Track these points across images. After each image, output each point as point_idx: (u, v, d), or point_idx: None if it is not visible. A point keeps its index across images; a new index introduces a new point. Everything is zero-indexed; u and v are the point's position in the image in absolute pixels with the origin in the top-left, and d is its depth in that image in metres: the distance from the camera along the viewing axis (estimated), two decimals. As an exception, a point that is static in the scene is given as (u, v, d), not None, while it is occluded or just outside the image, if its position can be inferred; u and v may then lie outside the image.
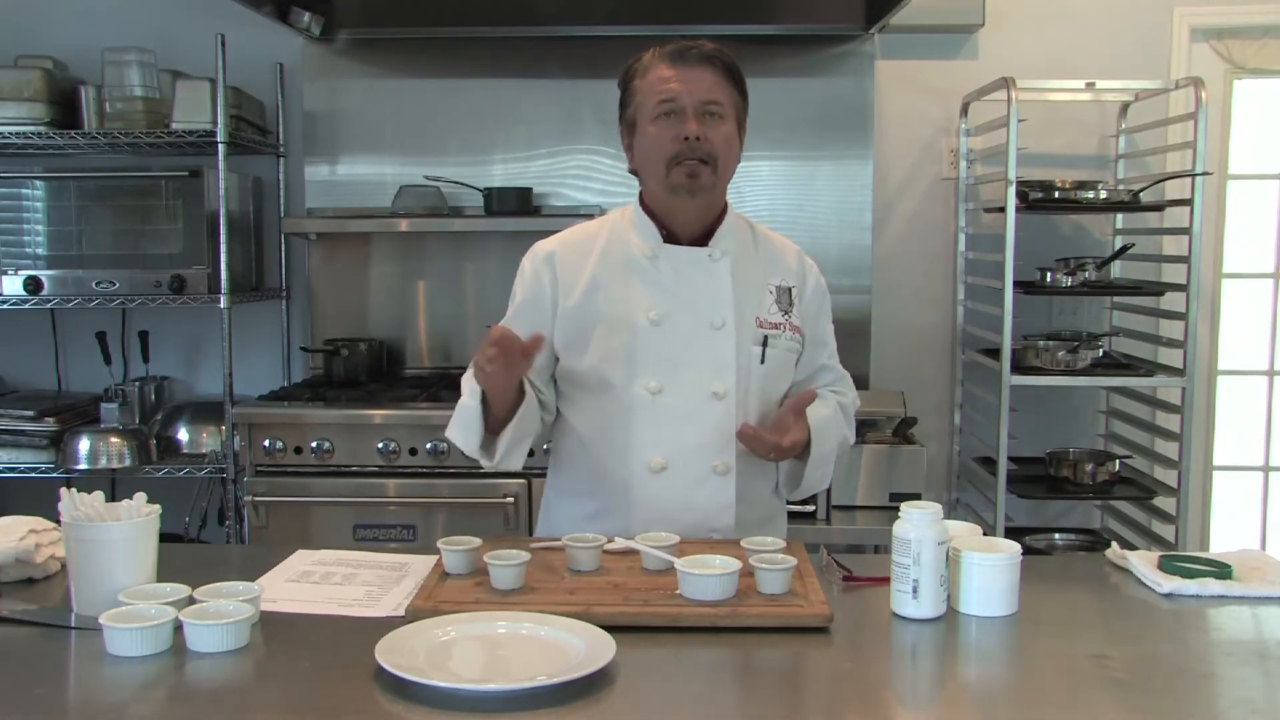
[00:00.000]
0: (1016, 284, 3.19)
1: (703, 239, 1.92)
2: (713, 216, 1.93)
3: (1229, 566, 1.68)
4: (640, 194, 1.97)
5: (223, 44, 3.19)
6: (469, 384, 1.86)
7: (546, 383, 1.97)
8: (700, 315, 1.89)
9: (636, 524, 1.85)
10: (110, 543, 1.51)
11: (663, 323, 1.89)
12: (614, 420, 1.90)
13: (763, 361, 1.90)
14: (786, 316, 1.94)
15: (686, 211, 1.91)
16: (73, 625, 1.48)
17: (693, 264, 1.91)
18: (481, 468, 1.84)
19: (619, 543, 1.71)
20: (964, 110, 3.57)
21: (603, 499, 1.92)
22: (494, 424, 1.84)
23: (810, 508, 3.03)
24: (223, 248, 3.24)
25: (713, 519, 1.88)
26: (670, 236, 1.93)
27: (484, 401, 1.82)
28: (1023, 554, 1.58)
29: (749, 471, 1.91)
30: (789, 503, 2.08)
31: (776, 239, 2.03)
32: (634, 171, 1.97)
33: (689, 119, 1.84)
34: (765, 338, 1.91)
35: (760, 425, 1.89)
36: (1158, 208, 3.34)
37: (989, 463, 3.38)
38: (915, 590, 1.52)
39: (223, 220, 3.23)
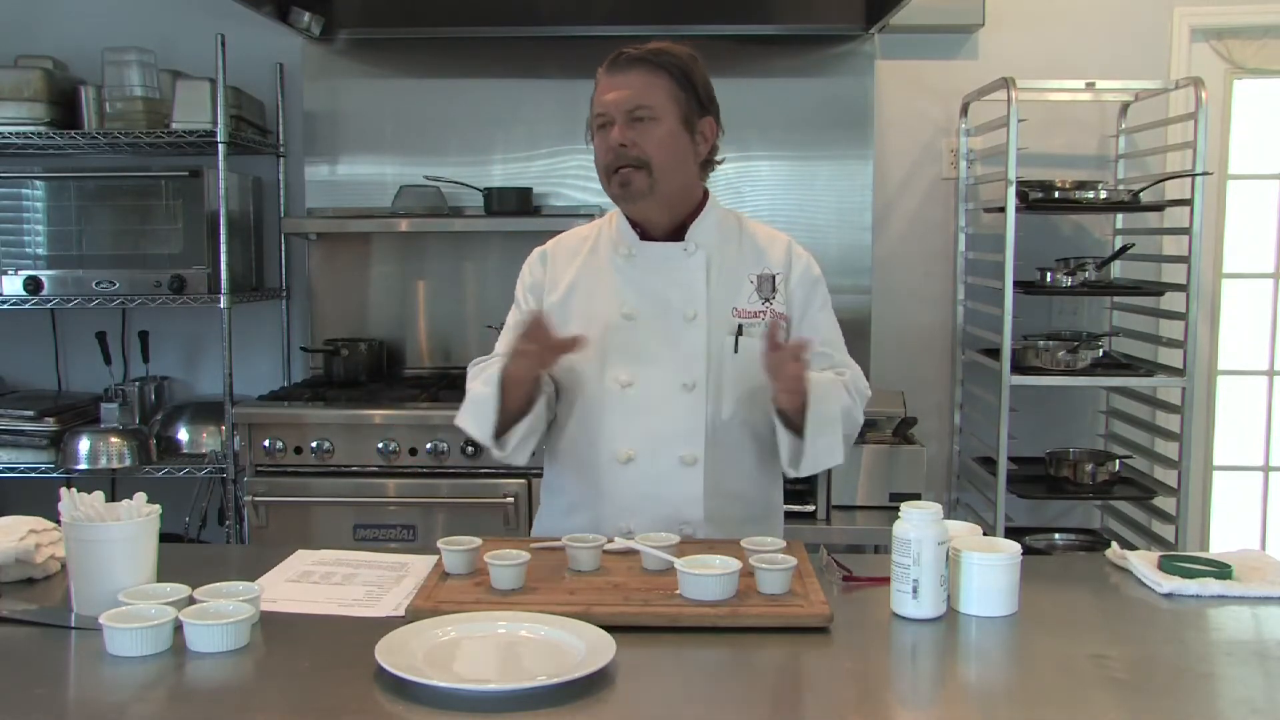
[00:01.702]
0: (1016, 284, 3.18)
1: (681, 234, 1.94)
2: (685, 212, 1.94)
3: (1229, 566, 1.68)
4: None
5: (223, 44, 3.18)
6: (480, 374, 1.91)
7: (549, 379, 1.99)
8: (672, 308, 1.91)
9: (606, 517, 1.87)
10: (110, 543, 1.51)
11: (635, 317, 1.91)
12: (587, 414, 1.92)
13: (736, 350, 1.90)
14: (768, 304, 1.94)
15: (643, 212, 1.93)
16: (73, 625, 1.48)
17: (667, 259, 1.93)
18: (481, 467, 1.85)
19: (619, 543, 1.72)
20: (964, 110, 3.57)
21: (576, 493, 1.95)
22: (506, 416, 1.86)
23: (810, 507, 3.03)
24: (223, 248, 3.24)
25: (681, 511, 1.88)
26: (648, 234, 1.95)
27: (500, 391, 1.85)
28: (1023, 554, 1.58)
29: (726, 464, 1.91)
30: (788, 502, 2.08)
31: (766, 232, 2.02)
32: None
33: (616, 127, 1.85)
34: (740, 326, 1.91)
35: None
36: (1158, 208, 3.34)
37: (989, 463, 3.38)
38: (915, 590, 1.52)
39: (223, 220, 3.23)
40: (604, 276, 1.95)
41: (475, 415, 1.88)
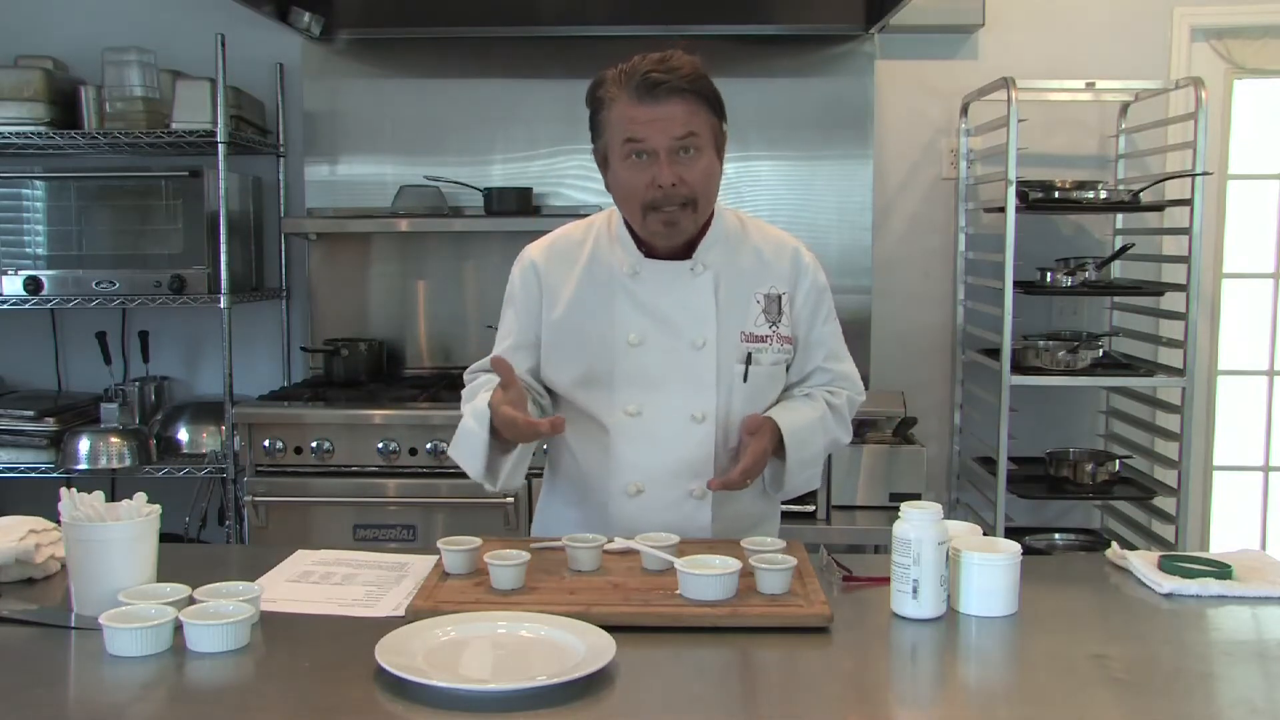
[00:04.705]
0: (1016, 284, 3.18)
1: (686, 251, 1.87)
2: (695, 229, 1.86)
3: (1229, 566, 1.68)
4: None
5: (223, 44, 3.19)
6: (471, 403, 1.86)
7: (544, 390, 1.96)
8: (681, 334, 1.85)
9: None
10: (110, 543, 1.51)
11: (642, 343, 1.85)
12: (595, 439, 1.89)
13: (745, 380, 1.86)
14: (774, 327, 1.89)
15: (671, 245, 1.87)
16: (73, 625, 1.48)
17: (675, 279, 1.86)
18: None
19: (619, 543, 1.72)
20: (964, 110, 3.57)
21: (584, 510, 1.92)
22: (498, 447, 1.82)
23: (810, 507, 3.03)
24: (223, 248, 3.24)
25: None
26: (652, 251, 1.88)
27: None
28: (1023, 554, 1.58)
29: (731, 493, 1.87)
30: (788, 502, 2.07)
31: (771, 239, 1.95)
32: None
33: (662, 164, 1.75)
34: (749, 354, 1.87)
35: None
36: (1158, 208, 3.34)
37: (989, 463, 3.38)
38: (915, 590, 1.52)
39: (223, 220, 3.23)
40: (607, 295, 1.87)
41: (467, 452, 1.83)
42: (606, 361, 1.86)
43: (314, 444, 3.07)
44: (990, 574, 1.55)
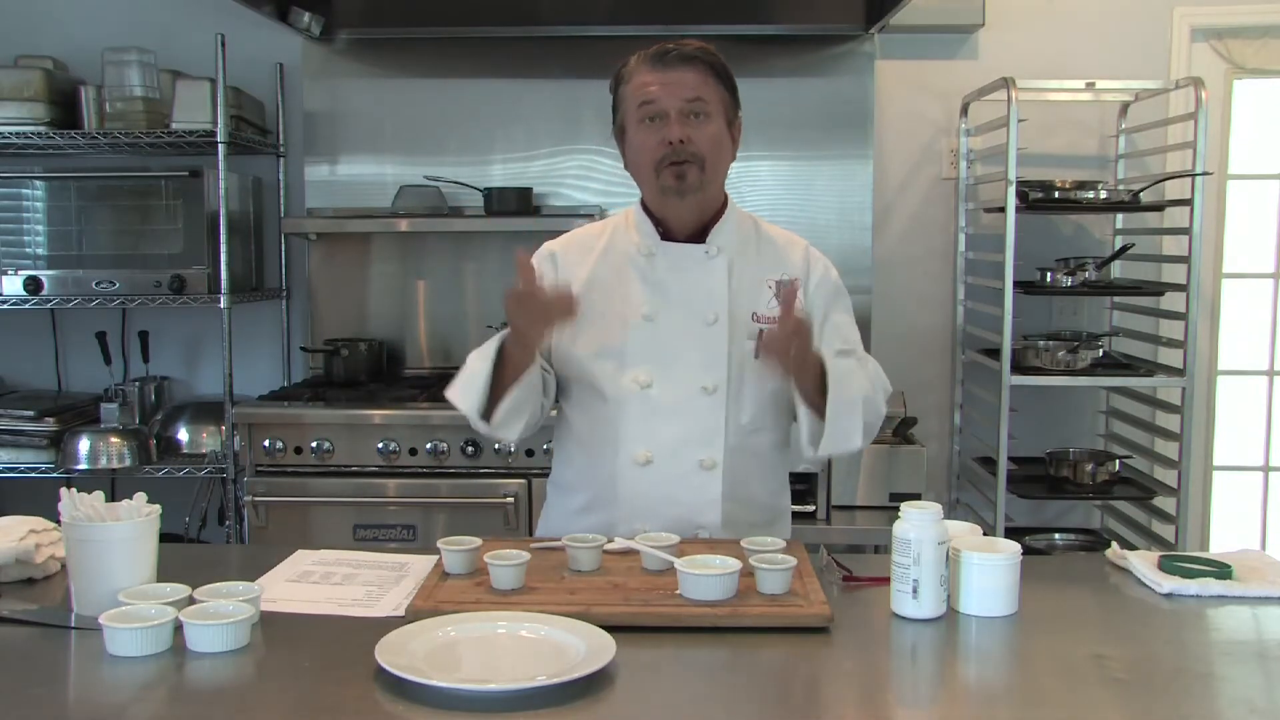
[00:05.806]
0: (1016, 284, 3.19)
1: (701, 235, 1.93)
2: (710, 214, 1.94)
3: (1229, 566, 1.68)
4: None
5: (223, 44, 3.19)
6: (479, 350, 1.88)
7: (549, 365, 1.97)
8: (694, 311, 1.90)
9: (622, 517, 1.86)
10: (110, 543, 1.51)
11: (655, 318, 1.90)
12: (605, 414, 1.90)
13: (756, 356, 1.89)
14: None
15: (680, 211, 1.92)
16: (73, 625, 1.48)
17: (689, 260, 1.92)
18: (481, 468, 1.85)
19: (619, 543, 1.72)
20: (964, 110, 3.57)
21: (592, 492, 1.93)
22: (498, 393, 1.84)
23: (810, 507, 3.03)
24: (223, 248, 3.24)
25: (698, 515, 1.87)
26: (668, 234, 1.94)
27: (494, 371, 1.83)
28: (1023, 554, 1.58)
29: (743, 470, 1.90)
30: (792, 500, 2.08)
31: (782, 236, 2.02)
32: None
33: (672, 123, 1.84)
34: (760, 332, 1.90)
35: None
36: (1158, 208, 3.34)
37: (989, 463, 3.38)
38: (915, 590, 1.52)
39: (223, 220, 3.23)
40: (622, 275, 1.93)
41: (464, 387, 1.86)
42: (619, 335, 1.90)
43: (314, 444, 3.07)
44: (990, 574, 1.55)
